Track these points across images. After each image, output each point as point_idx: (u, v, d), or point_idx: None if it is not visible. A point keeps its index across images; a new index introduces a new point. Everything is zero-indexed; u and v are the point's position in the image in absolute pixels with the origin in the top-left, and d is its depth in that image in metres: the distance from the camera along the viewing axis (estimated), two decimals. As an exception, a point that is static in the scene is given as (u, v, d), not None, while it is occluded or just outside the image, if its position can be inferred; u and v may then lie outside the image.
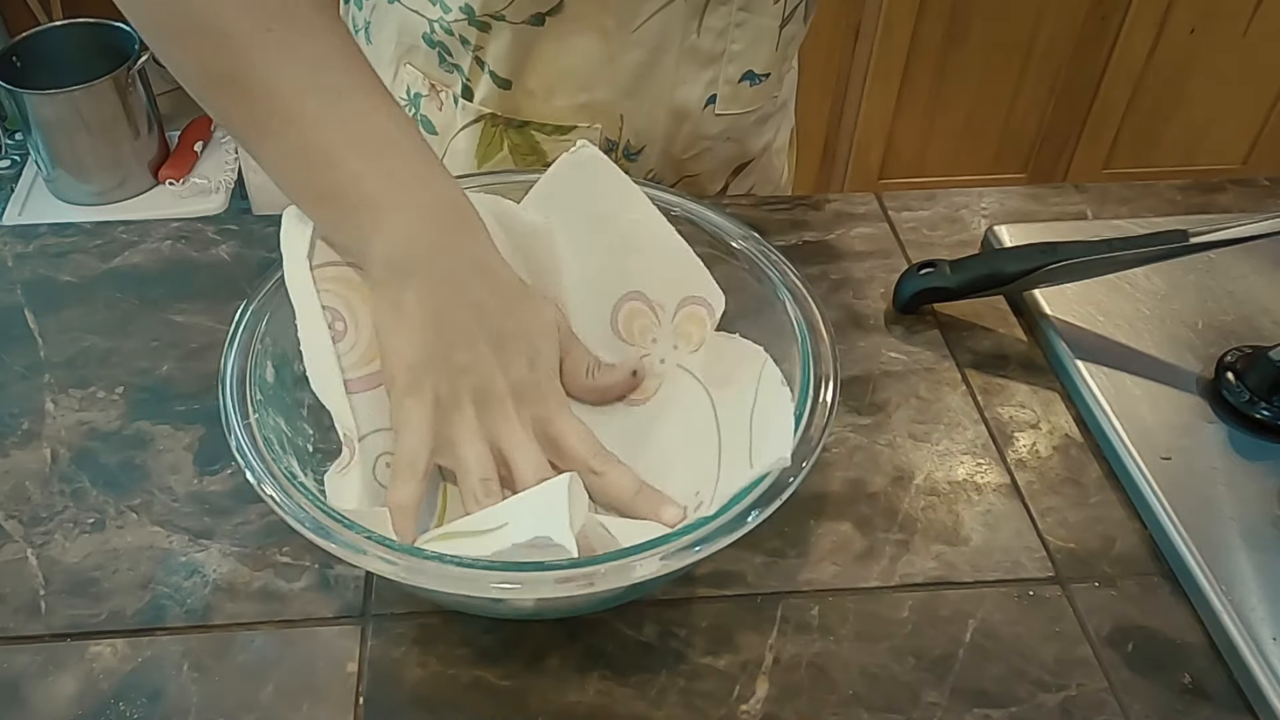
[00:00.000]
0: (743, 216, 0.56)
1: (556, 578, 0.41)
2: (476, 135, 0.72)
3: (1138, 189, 0.77)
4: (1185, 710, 0.48)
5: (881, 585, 0.52)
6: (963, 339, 0.65)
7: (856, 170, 1.93)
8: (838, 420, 0.59)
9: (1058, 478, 0.57)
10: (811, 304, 0.51)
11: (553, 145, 0.71)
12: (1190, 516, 0.53)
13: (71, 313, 0.65)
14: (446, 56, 0.69)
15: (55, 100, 1.76)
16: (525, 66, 0.68)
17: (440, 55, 0.70)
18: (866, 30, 1.77)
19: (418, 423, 0.48)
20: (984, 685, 0.48)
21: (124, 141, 1.87)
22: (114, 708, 0.47)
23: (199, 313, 0.65)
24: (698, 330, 0.53)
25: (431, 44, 0.69)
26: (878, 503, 0.56)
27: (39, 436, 0.58)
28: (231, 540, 0.53)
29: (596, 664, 0.49)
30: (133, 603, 0.50)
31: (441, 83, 0.71)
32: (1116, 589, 0.52)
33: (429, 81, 0.72)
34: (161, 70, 2.35)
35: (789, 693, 0.48)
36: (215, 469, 0.56)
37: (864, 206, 0.74)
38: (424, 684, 0.48)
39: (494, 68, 0.68)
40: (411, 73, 0.72)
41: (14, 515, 0.54)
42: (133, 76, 1.83)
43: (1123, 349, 0.63)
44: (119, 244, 0.69)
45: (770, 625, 0.50)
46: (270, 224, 0.71)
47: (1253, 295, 0.67)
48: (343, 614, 0.50)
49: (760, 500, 0.43)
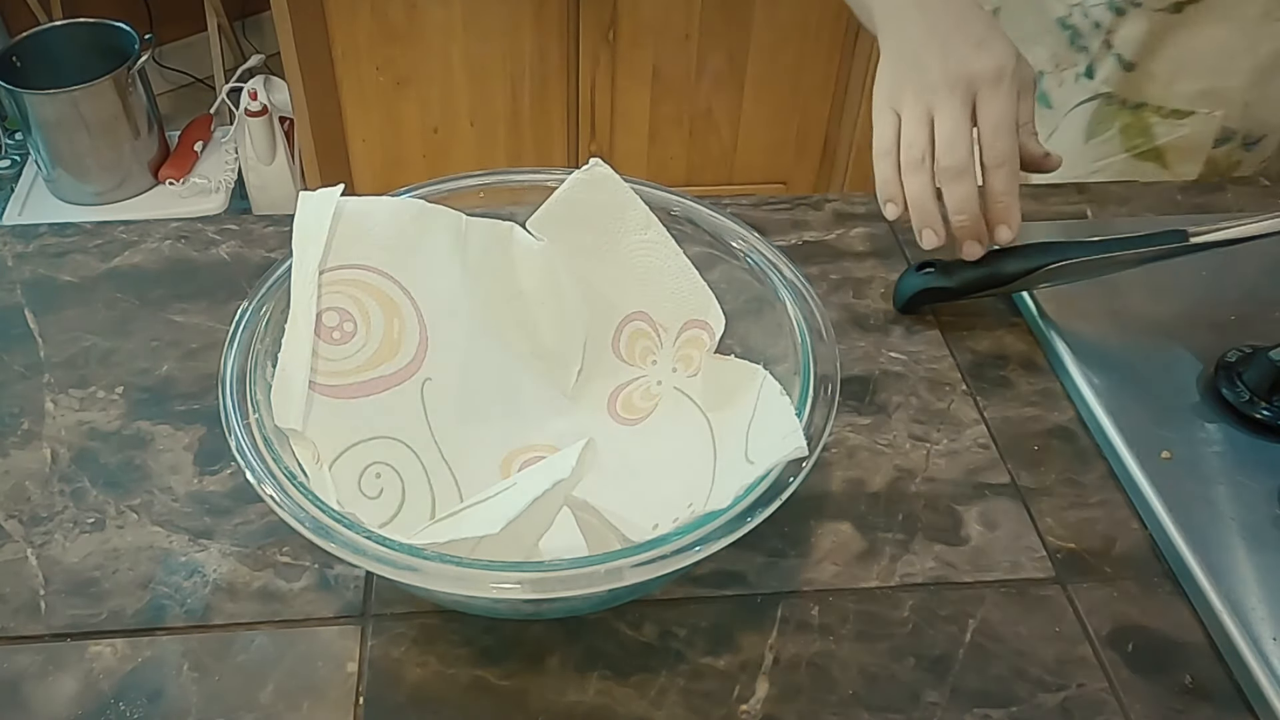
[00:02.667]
0: (743, 216, 0.56)
1: (556, 577, 0.41)
2: (1090, 113, 0.76)
3: (1138, 189, 0.77)
4: (1185, 710, 0.48)
5: (881, 585, 0.52)
6: (963, 339, 0.65)
7: (856, 170, 1.93)
8: (838, 420, 0.59)
9: (1058, 478, 0.57)
10: (811, 304, 0.51)
11: (1166, 128, 0.74)
12: (1190, 516, 0.53)
13: (71, 313, 0.65)
14: (1077, 39, 0.75)
15: (55, 100, 1.77)
16: (1154, 51, 0.71)
17: (1071, 37, 0.75)
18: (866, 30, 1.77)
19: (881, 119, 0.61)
20: (984, 685, 0.48)
21: (124, 141, 1.87)
22: (114, 708, 0.47)
23: (199, 313, 0.65)
24: (698, 354, 0.53)
25: (1064, 27, 0.75)
26: (878, 503, 0.56)
27: (39, 436, 0.58)
28: (231, 540, 0.53)
29: (596, 664, 0.49)
30: (133, 603, 0.50)
31: (1067, 62, 0.76)
32: (1116, 589, 0.52)
33: (1055, 60, 0.77)
34: (161, 70, 2.35)
35: (789, 693, 0.48)
36: (215, 469, 0.56)
37: (864, 206, 0.74)
38: (424, 684, 0.48)
39: (1121, 51, 0.72)
40: (1038, 53, 0.77)
41: (14, 515, 0.54)
42: (133, 76, 1.83)
43: (1122, 349, 0.63)
44: (119, 244, 0.69)
45: (770, 625, 0.50)
46: (270, 224, 0.71)
47: (1253, 295, 0.67)
48: (343, 614, 0.50)
49: (760, 500, 0.43)
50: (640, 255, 0.54)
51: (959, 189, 0.60)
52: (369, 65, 1.73)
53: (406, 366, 0.52)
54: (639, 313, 0.55)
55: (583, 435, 0.49)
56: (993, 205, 0.61)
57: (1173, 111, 0.73)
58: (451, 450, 0.53)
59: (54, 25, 1.94)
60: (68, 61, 1.84)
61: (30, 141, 1.86)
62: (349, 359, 0.50)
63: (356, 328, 0.50)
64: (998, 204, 0.61)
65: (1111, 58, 0.73)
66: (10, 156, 2.07)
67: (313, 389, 0.49)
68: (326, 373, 0.50)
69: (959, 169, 0.60)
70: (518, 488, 0.45)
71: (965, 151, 0.60)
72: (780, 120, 1.88)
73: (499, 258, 0.55)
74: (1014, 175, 0.60)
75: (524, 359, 0.56)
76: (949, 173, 0.60)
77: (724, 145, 1.91)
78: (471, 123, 1.82)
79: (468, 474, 0.53)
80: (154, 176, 1.95)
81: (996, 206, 0.61)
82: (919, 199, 0.62)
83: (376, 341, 0.50)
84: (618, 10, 1.71)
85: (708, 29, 1.75)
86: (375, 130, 1.81)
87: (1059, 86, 0.78)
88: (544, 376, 0.56)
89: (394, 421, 0.51)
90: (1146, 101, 0.74)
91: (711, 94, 1.83)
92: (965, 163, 0.60)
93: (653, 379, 0.55)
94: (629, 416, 0.55)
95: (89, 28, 1.91)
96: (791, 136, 1.91)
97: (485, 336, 0.55)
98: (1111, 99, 0.75)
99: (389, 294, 0.52)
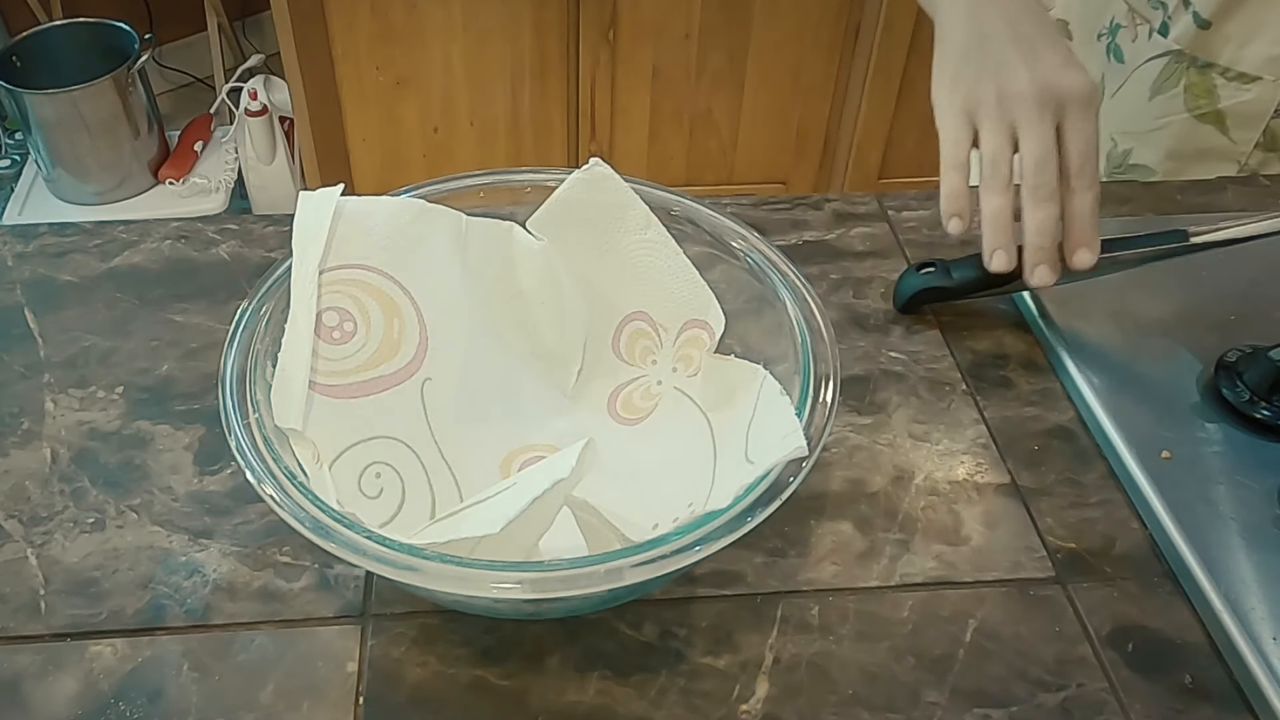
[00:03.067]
0: (743, 216, 0.56)
1: (556, 577, 0.41)
2: (1158, 69, 0.77)
3: (1137, 189, 0.77)
4: (1185, 710, 0.48)
5: (881, 585, 0.52)
6: (963, 339, 0.65)
7: (856, 170, 1.93)
8: (838, 420, 0.59)
9: (1058, 478, 0.57)
10: (811, 304, 0.51)
11: (1230, 91, 0.75)
12: (1190, 516, 0.53)
13: (71, 313, 0.65)
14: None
15: (55, 100, 1.77)
16: (1230, 12, 0.71)
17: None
18: (866, 30, 1.77)
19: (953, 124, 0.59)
20: (984, 685, 0.48)
21: (124, 141, 1.87)
22: (114, 708, 0.47)
23: (199, 313, 0.65)
24: (698, 353, 0.53)
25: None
26: (878, 503, 0.56)
27: (39, 436, 0.58)
28: (231, 540, 0.53)
29: (596, 664, 0.49)
30: (133, 603, 0.50)
31: (1143, 16, 0.77)
32: (1116, 589, 0.52)
33: (1133, 14, 0.77)
34: (161, 70, 2.35)
35: (789, 693, 0.48)
36: (215, 469, 0.56)
37: (864, 206, 0.74)
38: (424, 684, 0.48)
39: (1198, 8, 0.73)
40: (1118, 5, 0.78)
41: (14, 515, 0.54)
42: (133, 76, 1.83)
43: (1122, 349, 0.63)
44: (119, 244, 0.69)
45: (770, 625, 0.50)
46: (270, 224, 0.71)
47: (1253, 295, 0.67)
48: (343, 614, 0.50)
49: (760, 500, 0.43)
50: (640, 255, 0.54)
51: (1043, 212, 0.58)
52: (369, 65, 1.73)
53: (406, 366, 0.52)
54: (639, 312, 0.55)
55: (583, 435, 0.49)
56: (1077, 228, 0.59)
57: (1239, 75, 0.74)
58: (451, 450, 0.53)
59: (54, 25, 1.94)
60: (68, 61, 1.84)
61: (30, 141, 1.86)
62: (349, 359, 0.50)
63: (356, 327, 0.50)
64: (1083, 227, 0.58)
65: (1188, 15, 0.73)
66: (10, 156, 2.07)
67: (313, 389, 0.49)
68: (326, 372, 0.50)
69: (1049, 191, 0.57)
70: (517, 488, 0.45)
71: (1054, 173, 0.58)
72: (780, 120, 1.88)
73: (499, 258, 0.55)
74: (1099, 199, 0.58)
75: (524, 359, 0.56)
76: (1038, 194, 0.58)
77: (724, 145, 1.91)
78: (471, 123, 1.82)
79: (468, 474, 0.53)
80: (154, 176, 1.95)
81: (1081, 229, 0.59)
82: (999, 219, 0.59)
83: (376, 341, 0.50)
84: (618, 10, 1.71)
85: (708, 29, 1.75)
86: (375, 130, 1.81)
87: (1132, 41, 0.79)
88: (544, 376, 0.56)
89: (394, 421, 0.51)
90: (1215, 62, 0.74)
91: (711, 93, 1.83)
92: (1054, 185, 0.58)
93: (653, 379, 0.55)
94: (629, 416, 0.55)
95: (89, 28, 1.91)
96: (791, 136, 1.91)
97: (485, 336, 0.55)
98: (1181, 57, 0.75)
99: (389, 294, 0.52)
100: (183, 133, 2.03)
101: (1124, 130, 0.83)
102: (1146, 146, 0.82)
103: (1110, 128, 0.84)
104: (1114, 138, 0.84)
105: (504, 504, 0.44)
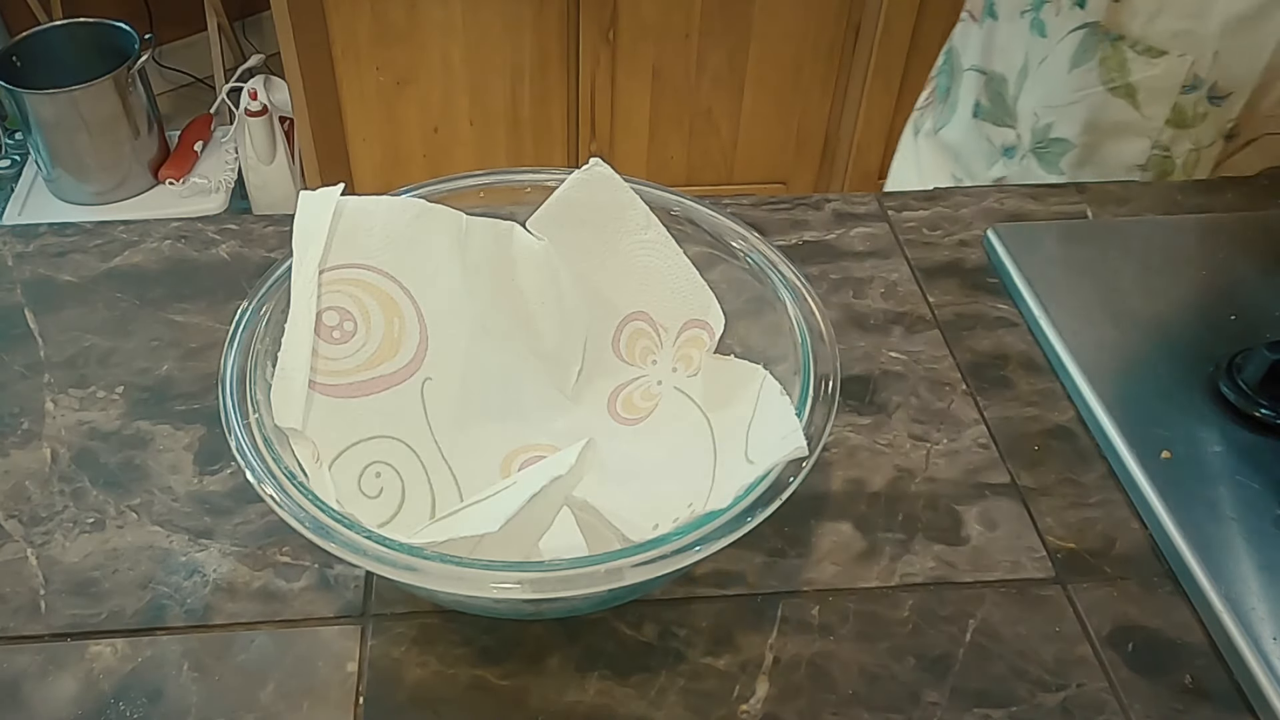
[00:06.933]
0: (743, 216, 0.56)
1: (556, 577, 0.41)
2: (1076, 42, 0.78)
3: (1137, 189, 0.77)
4: (1185, 710, 0.48)
5: (881, 585, 0.52)
6: (963, 339, 0.65)
7: (856, 170, 1.93)
8: (838, 420, 0.59)
9: (1058, 478, 0.57)
10: (812, 304, 0.51)
11: (1140, 65, 0.75)
12: (1190, 516, 0.53)
13: (71, 313, 0.65)
14: None
15: (55, 100, 1.77)
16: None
17: None
18: (866, 30, 1.77)
19: None
20: (984, 685, 0.48)
21: (124, 141, 1.87)
22: (114, 708, 0.47)
23: (199, 313, 0.65)
24: (698, 353, 0.53)
25: None
26: (878, 503, 0.56)
27: (39, 436, 0.58)
28: (231, 540, 0.53)
29: (596, 664, 0.49)
30: (133, 603, 0.50)
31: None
32: (1116, 589, 0.52)
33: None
34: (161, 70, 2.35)
35: (789, 693, 0.48)
36: (215, 469, 0.56)
37: (864, 206, 0.74)
38: (424, 684, 0.48)
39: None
40: None
41: (14, 515, 0.54)
42: (133, 76, 1.83)
43: (1122, 349, 0.63)
44: (119, 244, 0.70)
45: (770, 625, 0.50)
46: (270, 224, 0.71)
47: (1253, 295, 0.67)
48: (343, 614, 0.50)
49: (760, 500, 0.43)
50: (640, 255, 0.54)
51: None
52: (369, 65, 1.73)
53: (406, 366, 0.52)
54: (639, 312, 0.55)
55: (583, 435, 0.49)
56: None
57: (1148, 48, 0.74)
58: (451, 450, 0.53)
59: (54, 25, 1.94)
60: (68, 61, 1.84)
61: (30, 141, 1.86)
62: (349, 358, 0.50)
63: (356, 327, 0.50)
64: None
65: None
66: (10, 156, 2.08)
67: (313, 388, 0.49)
68: (326, 372, 0.50)
69: None
70: (517, 487, 0.45)
71: None
72: (780, 120, 1.88)
73: (499, 258, 0.55)
74: None
75: (524, 359, 0.56)
76: None
77: (724, 145, 1.91)
78: (471, 123, 1.82)
79: (468, 474, 0.53)
80: (154, 176, 1.95)
81: None
82: None
83: (376, 341, 0.50)
84: (618, 10, 1.71)
85: (708, 29, 1.75)
86: (375, 130, 1.81)
87: (1055, 15, 0.79)
88: (544, 376, 0.56)
89: (394, 421, 0.51)
90: (1125, 35, 0.75)
91: (711, 94, 1.83)
92: None
93: (653, 379, 0.55)
94: (629, 416, 0.55)
95: (89, 28, 1.91)
96: (791, 136, 1.91)
97: (485, 336, 0.55)
98: (1096, 29, 0.76)
99: (389, 293, 0.52)
100: (183, 133, 2.03)
101: (1045, 104, 0.83)
102: (1065, 120, 0.83)
103: (1033, 102, 0.84)
104: (1036, 112, 0.85)
105: (503, 503, 0.44)
